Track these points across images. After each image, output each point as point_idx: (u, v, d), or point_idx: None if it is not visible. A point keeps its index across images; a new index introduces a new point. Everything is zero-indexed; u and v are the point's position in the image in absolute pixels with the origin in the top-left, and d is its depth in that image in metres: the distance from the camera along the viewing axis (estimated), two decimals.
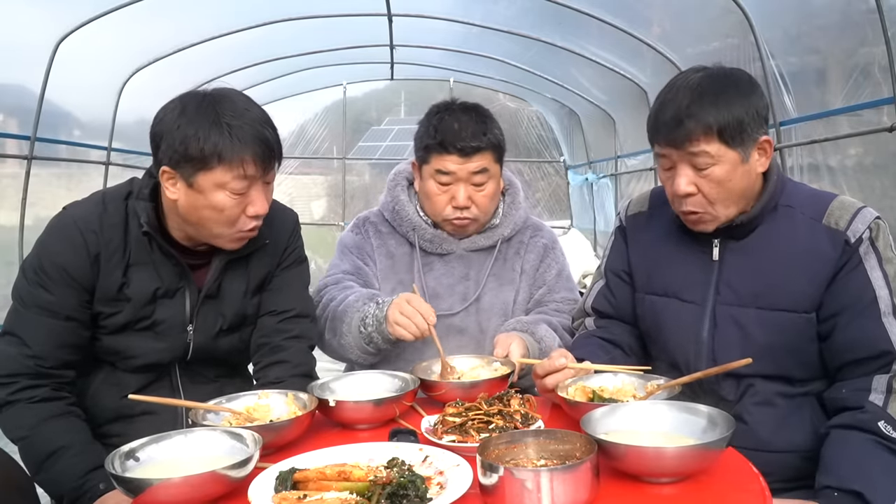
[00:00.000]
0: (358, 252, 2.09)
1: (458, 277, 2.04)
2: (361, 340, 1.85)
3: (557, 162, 10.19)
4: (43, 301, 1.54)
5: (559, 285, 2.10)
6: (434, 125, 1.94)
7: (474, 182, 1.94)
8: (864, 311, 1.48)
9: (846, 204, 1.55)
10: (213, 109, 1.48)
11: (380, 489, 1.09)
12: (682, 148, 1.50)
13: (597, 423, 1.28)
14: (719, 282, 1.61)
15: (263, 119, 1.54)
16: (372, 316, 1.82)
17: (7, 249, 4.78)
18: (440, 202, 1.96)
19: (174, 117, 1.50)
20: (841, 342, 1.50)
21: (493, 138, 1.94)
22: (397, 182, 2.12)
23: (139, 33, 5.50)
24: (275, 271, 1.80)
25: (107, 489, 1.45)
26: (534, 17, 6.30)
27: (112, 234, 1.59)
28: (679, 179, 1.53)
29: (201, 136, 1.46)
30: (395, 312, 1.76)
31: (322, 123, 10.32)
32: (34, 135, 4.81)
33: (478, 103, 2.03)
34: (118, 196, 1.63)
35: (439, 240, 2.03)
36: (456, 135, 1.89)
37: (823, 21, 4.08)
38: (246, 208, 1.55)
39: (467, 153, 1.90)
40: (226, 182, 1.49)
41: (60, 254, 1.55)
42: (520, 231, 2.12)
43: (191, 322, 1.68)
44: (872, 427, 1.37)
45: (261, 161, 1.51)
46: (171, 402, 1.54)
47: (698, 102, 1.47)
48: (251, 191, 1.54)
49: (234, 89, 1.60)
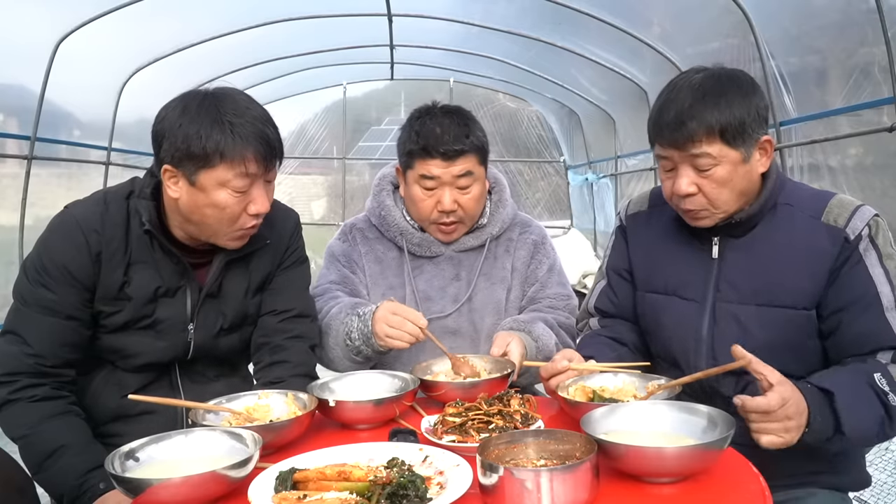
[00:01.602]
0: (345, 260, 2.08)
1: (449, 279, 2.04)
2: (349, 352, 1.85)
3: (557, 162, 10.19)
4: (44, 300, 1.54)
5: (551, 281, 2.09)
6: (416, 130, 1.92)
7: (459, 185, 1.93)
8: (867, 308, 1.48)
9: (845, 202, 1.56)
10: (214, 108, 1.49)
11: (380, 489, 1.09)
12: (685, 149, 1.50)
13: (597, 423, 1.28)
14: (719, 279, 1.61)
15: (265, 117, 1.54)
16: (357, 330, 1.81)
17: (7, 249, 4.78)
18: (426, 207, 1.95)
19: (176, 116, 1.50)
20: (846, 339, 1.51)
21: (476, 140, 1.93)
22: (382, 187, 2.11)
23: (139, 33, 5.50)
24: (276, 271, 1.80)
25: (107, 489, 1.45)
26: (534, 17, 6.30)
27: (114, 233, 1.59)
28: (680, 180, 1.53)
29: (203, 134, 1.46)
30: (383, 326, 1.75)
31: (322, 123, 10.32)
32: (34, 135, 4.82)
33: (459, 106, 2.02)
34: (120, 195, 1.63)
35: (427, 243, 2.03)
36: (438, 139, 1.88)
37: (823, 21, 4.08)
38: (247, 206, 1.55)
39: (450, 157, 1.89)
40: (228, 180, 1.50)
41: (62, 253, 1.55)
42: (508, 228, 2.11)
43: (191, 321, 1.68)
44: (869, 373, 1.41)
45: (262, 159, 1.51)
46: (171, 402, 1.53)
47: (700, 103, 1.47)
48: (252, 189, 1.54)
49: (235, 88, 1.60)
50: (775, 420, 1.28)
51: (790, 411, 1.29)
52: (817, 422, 1.33)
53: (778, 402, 1.27)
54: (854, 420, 1.36)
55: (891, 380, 1.41)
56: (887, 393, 1.39)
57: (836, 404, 1.35)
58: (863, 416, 1.38)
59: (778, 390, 1.27)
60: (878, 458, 3.47)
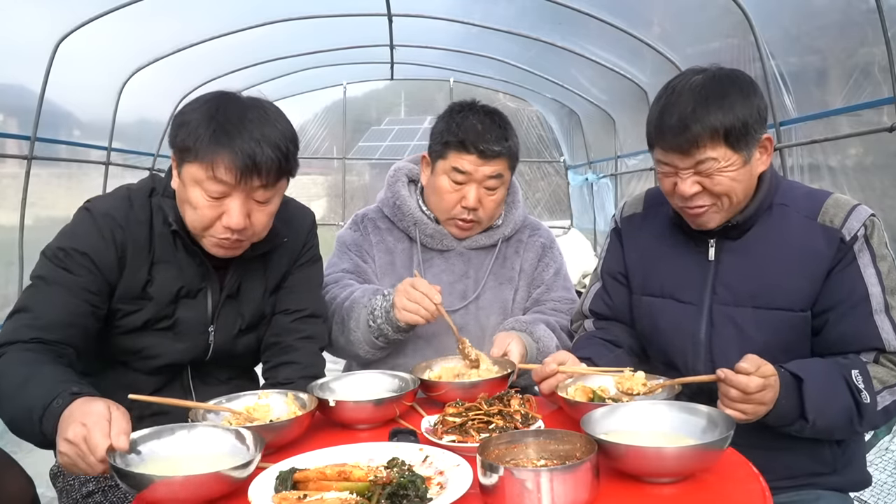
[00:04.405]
0: (357, 250, 2.09)
1: (458, 275, 2.05)
2: (371, 335, 1.86)
3: (557, 162, 10.19)
4: (63, 278, 1.49)
5: (557, 284, 2.11)
6: (457, 122, 1.93)
7: (487, 186, 1.94)
8: (855, 308, 1.49)
9: (841, 202, 1.55)
10: (218, 107, 1.47)
11: (380, 489, 1.10)
12: (689, 154, 1.48)
13: (597, 423, 1.28)
14: (715, 282, 1.61)
15: (266, 136, 1.46)
16: (380, 308, 1.83)
17: (7, 249, 4.77)
18: (450, 200, 1.96)
19: (193, 104, 1.51)
20: (831, 338, 1.51)
21: (513, 146, 1.96)
22: (397, 178, 2.12)
23: (139, 33, 5.50)
24: (291, 269, 1.80)
25: (80, 392, 1.29)
26: (534, 17, 6.30)
27: (139, 232, 1.57)
28: (684, 182, 1.52)
29: (192, 126, 1.45)
30: (402, 299, 1.77)
31: (322, 123, 10.34)
32: (34, 135, 4.81)
33: (499, 109, 2.03)
34: (143, 193, 1.62)
35: (440, 235, 2.04)
36: (479, 136, 1.89)
37: (823, 21, 4.08)
38: (221, 216, 1.50)
39: (486, 156, 1.90)
40: (200, 180, 1.47)
41: (88, 242, 1.52)
42: (519, 230, 2.13)
43: (212, 322, 1.67)
44: (847, 367, 1.45)
45: (238, 171, 1.44)
46: (171, 402, 1.50)
47: (703, 106, 1.45)
48: (228, 200, 1.48)
49: (269, 103, 1.56)
50: (750, 402, 1.33)
51: (767, 397, 1.34)
52: (781, 405, 1.37)
53: (757, 386, 1.31)
54: (818, 408, 1.39)
55: (867, 378, 1.43)
56: (861, 390, 1.42)
57: (803, 390, 1.39)
58: (829, 406, 1.41)
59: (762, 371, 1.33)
60: (878, 458, 3.47)
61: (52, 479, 1.69)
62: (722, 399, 1.35)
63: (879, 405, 1.43)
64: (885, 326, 1.47)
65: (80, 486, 1.61)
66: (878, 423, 1.46)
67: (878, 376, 1.44)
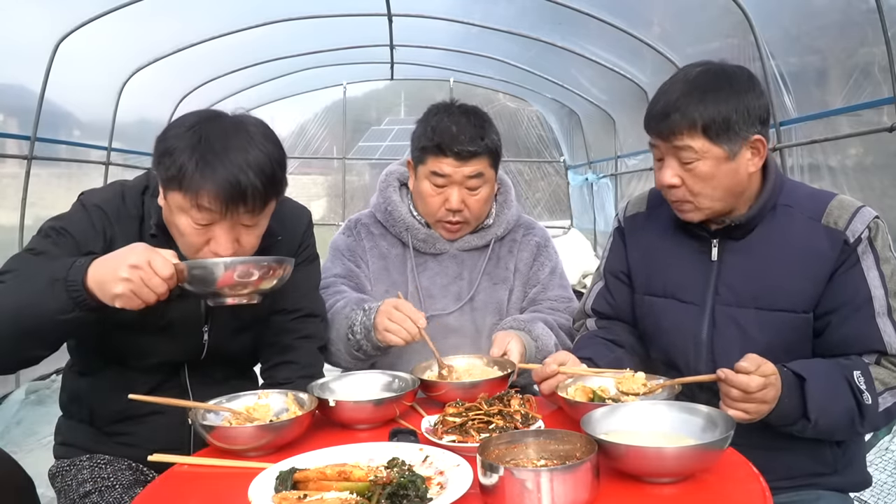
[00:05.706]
0: (350, 255, 2.09)
1: (452, 277, 2.04)
2: (350, 347, 1.85)
3: (557, 162, 10.20)
4: (50, 250, 1.49)
5: (553, 283, 2.10)
6: (432, 126, 1.92)
7: (468, 186, 1.93)
8: (857, 311, 1.49)
9: (845, 203, 1.55)
10: (201, 137, 1.43)
11: (380, 489, 1.09)
12: (668, 140, 1.53)
13: (597, 423, 1.28)
14: (718, 282, 1.61)
15: (251, 163, 1.42)
16: (360, 324, 1.81)
17: (7, 249, 4.74)
18: (434, 203, 1.96)
19: (176, 128, 1.46)
20: (833, 340, 1.51)
21: (491, 143, 1.93)
22: (389, 183, 2.12)
23: (139, 33, 5.51)
24: None
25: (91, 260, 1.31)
26: (534, 17, 6.30)
27: (129, 228, 1.57)
28: (664, 171, 1.56)
29: (175, 156, 1.42)
30: (384, 320, 1.75)
31: (322, 123, 10.33)
32: (34, 135, 4.82)
33: (477, 106, 2.01)
34: (136, 190, 1.62)
35: (432, 239, 2.03)
36: (454, 138, 1.88)
37: (823, 21, 4.09)
38: (209, 241, 1.48)
39: (463, 157, 1.89)
40: (186, 208, 1.44)
41: (78, 229, 1.53)
42: (512, 230, 2.12)
43: (206, 322, 1.67)
44: (849, 368, 1.45)
45: (224, 201, 1.41)
46: (171, 402, 1.50)
47: (687, 97, 1.49)
48: (215, 227, 1.46)
49: (253, 120, 1.52)
50: (752, 401, 1.33)
51: (769, 396, 1.34)
52: (784, 404, 1.37)
53: (758, 385, 1.31)
54: (821, 408, 1.39)
55: (869, 380, 1.43)
56: (863, 391, 1.42)
57: (806, 389, 1.39)
58: (832, 406, 1.41)
59: (762, 370, 1.32)
60: (878, 458, 3.46)
61: (51, 479, 1.69)
62: (724, 399, 1.35)
63: (881, 406, 1.43)
64: (888, 329, 1.47)
65: (77, 486, 1.61)
66: (880, 424, 1.46)
67: (879, 377, 1.44)
